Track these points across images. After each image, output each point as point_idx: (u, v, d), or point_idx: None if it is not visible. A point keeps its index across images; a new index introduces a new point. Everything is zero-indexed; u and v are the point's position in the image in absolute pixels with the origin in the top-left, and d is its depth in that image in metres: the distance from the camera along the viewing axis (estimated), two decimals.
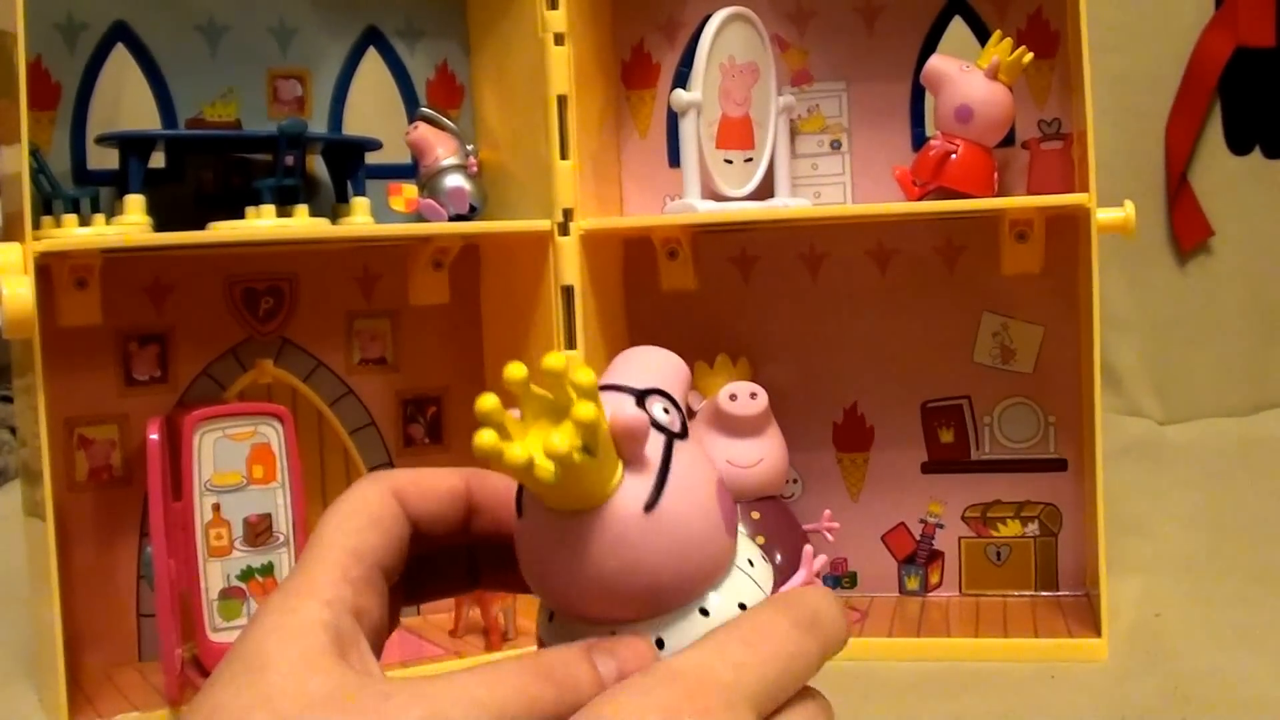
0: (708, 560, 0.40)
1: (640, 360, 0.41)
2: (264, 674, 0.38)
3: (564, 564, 0.39)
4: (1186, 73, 1.27)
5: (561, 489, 0.37)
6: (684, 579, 0.39)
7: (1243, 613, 0.77)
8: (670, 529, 0.39)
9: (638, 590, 0.39)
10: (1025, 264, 0.78)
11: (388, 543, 0.45)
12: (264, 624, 0.40)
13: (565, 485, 0.37)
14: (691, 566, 0.39)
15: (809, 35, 0.85)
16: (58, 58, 0.74)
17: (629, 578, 0.38)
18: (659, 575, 0.39)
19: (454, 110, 0.85)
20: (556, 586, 0.39)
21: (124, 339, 0.76)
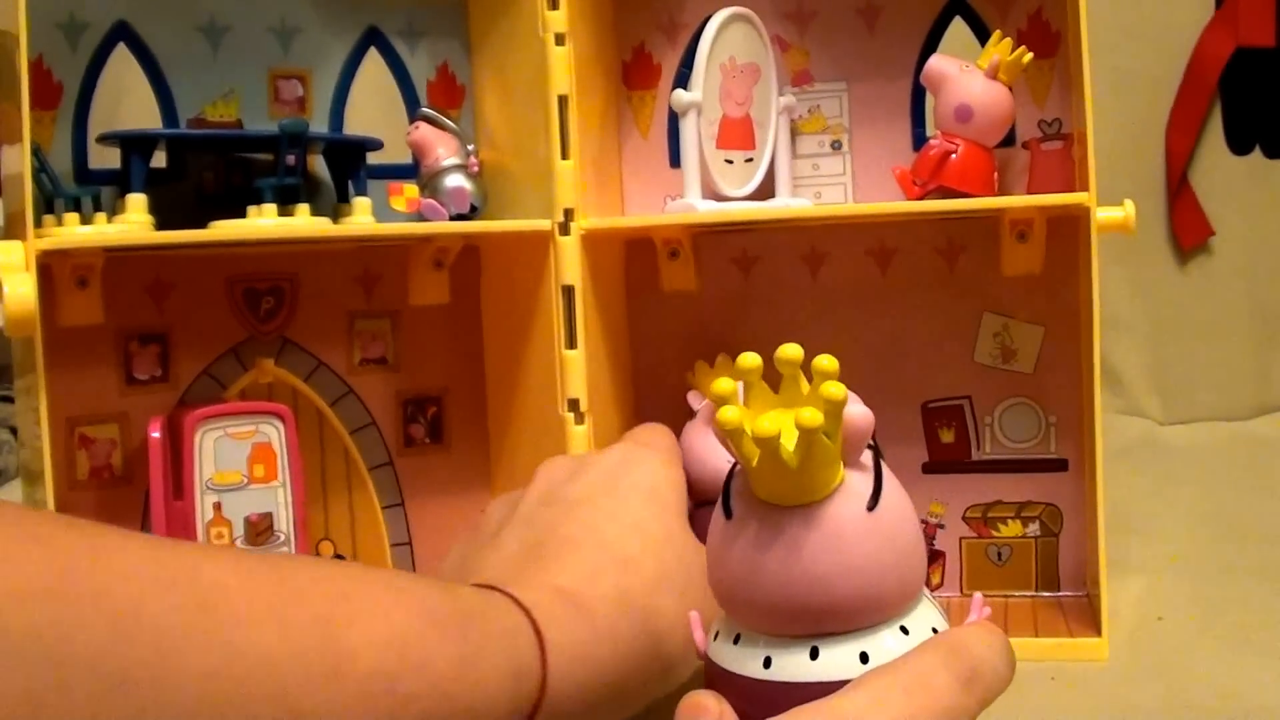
0: (915, 569, 0.40)
1: None
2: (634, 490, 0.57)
3: (778, 563, 0.38)
4: (1186, 73, 1.27)
5: (796, 475, 0.37)
6: (897, 585, 0.39)
7: (1244, 613, 0.78)
8: (888, 531, 0.39)
9: (852, 593, 0.38)
10: (1025, 264, 0.78)
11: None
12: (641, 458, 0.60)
13: (804, 468, 0.36)
14: (903, 572, 0.40)
15: (810, 35, 0.85)
16: (59, 57, 0.74)
17: (847, 578, 0.38)
18: (875, 577, 0.39)
19: (455, 110, 0.85)
20: (765, 589, 0.38)
21: (125, 338, 0.77)
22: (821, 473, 0.38)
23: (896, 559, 0.39)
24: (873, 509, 0.39)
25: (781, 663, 0.39)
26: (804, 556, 0.39)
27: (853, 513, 0.39)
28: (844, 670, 0.39)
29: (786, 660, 0.39)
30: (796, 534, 0.38)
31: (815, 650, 0.39)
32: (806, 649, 0.39)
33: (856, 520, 0.39)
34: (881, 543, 0.39)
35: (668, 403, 0.87)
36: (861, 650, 0.40)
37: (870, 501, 0.39)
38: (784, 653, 0.39)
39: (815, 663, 0.39)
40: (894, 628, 0.40)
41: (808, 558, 0.39)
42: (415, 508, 0.84)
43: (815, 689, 0.39)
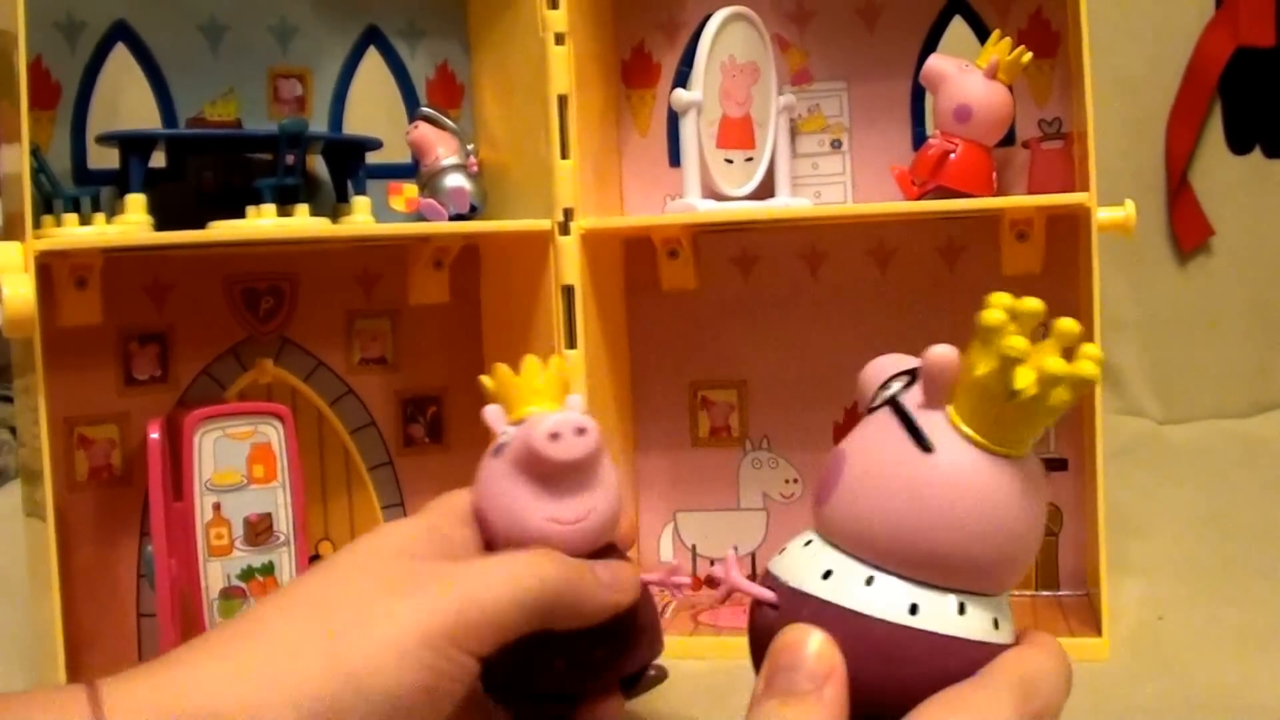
0: (1021, 561, 0.41)
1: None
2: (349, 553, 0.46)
3: (973, 506, 0.38)
4: (1186, 73, 1.27)
5: (1011, 412, 0.37)
6: (1005, 562, 0.40)
7: (1244, 613, 0.77)
8: (1032, 514, 0.40)
9: (1026, 554, 0.40)
10: (1025, 264, 0.78)
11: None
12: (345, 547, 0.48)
13: (1024, 408, 0.37)
14: (1015, 553, 0.40)
15: (809, 35, 0.85)
16: (58, 57, 0.74)
17: (1034, 537, 0.40)
18: (1001, 545, 0.39)
19: (454, 110, 0.85)
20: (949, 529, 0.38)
21: (124, 338, 0.76)
22: (1025, 427, 0.39)
23: (1041, 526, 0.41)
24: (1046, 473, 0.41)
25: (930, 612, 0.39)
26: (1001, 504, 0.39)
27: (1041, 472, 0.40)
28: (982, 632, 0.39)
29: (933, 610, 0.39)
30: (1009, 479, 0.39)
31: (963, 606, 0.39)
32: (955, 602, 0.39)
33: (1042, 479, 0.40)
34: (1042, 509, 0.40)
35: (668, 403, 0.87)
36: (994, 617, 0.40)
37: (1046, 467, 0.41)
38: (930, 601, 0.39)
39: (962, 618, 0.39)
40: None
41: (1007, 505, 0.39)
42: (415, 508, 0.84)
43: (959, 645, 0.39)
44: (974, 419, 0.38)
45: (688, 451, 0.87)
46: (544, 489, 0.49)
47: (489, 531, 0.50)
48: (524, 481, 0.49)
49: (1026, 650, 0.40)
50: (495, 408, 0.53)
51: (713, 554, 0.87)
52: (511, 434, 0.50)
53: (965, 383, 0.39)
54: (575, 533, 0.50)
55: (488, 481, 0.50)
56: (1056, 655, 0.40)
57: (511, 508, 0.49)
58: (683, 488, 0.87)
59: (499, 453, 0.50)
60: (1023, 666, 0.39)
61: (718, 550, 0.87)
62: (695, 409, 0.87)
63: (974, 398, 0.38)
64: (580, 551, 0.50)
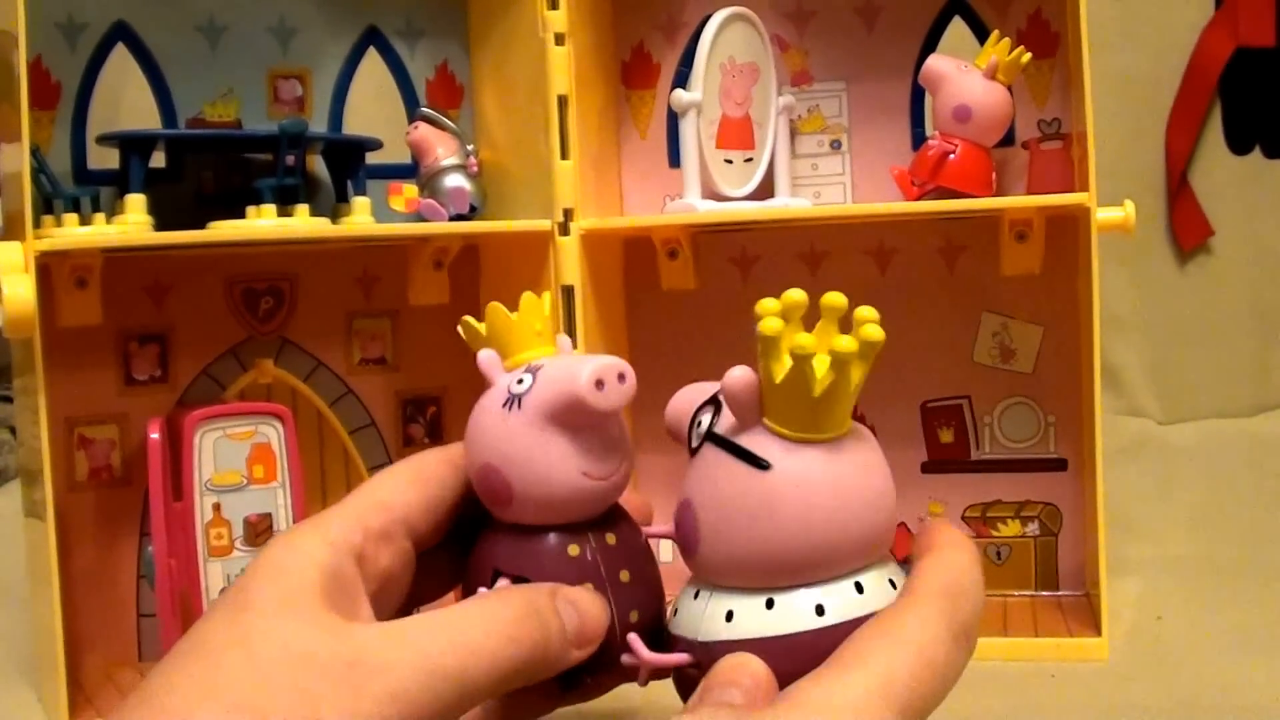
0: (889, 522, 0.41)
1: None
2: (247, 614, 0.39)
3: (831, 497, 0.39)
4: (1186, 73, 1.27)
5: (823, 401, 0.38)
6: (877, 532, 0.40)
7: (1244, 613, 0.77)
8: (882, 478, 0.40)
9: (889, 507, 0.40)
10: (1025, 264, 0.78)
11: (424, 502, 0.46)
12: (265, 556, 0.41)
13: (832, 393, 0.38)
14: (882, 520, 0.40)
15: (809, 35, 0.85)
16: (58, 57, 0.74)
17: (886, 492, 0.40)
18: (867, 519, 0.40)
19: (454, 110, 0.85)
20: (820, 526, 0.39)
21: (124, 339, 0.77)
22: (841, 404, 0.39)
23: (884, 504, 0.41)
24: (874, 456, 0.41)
25: (833, 603, 0.39)
26: (857, 480, 0.40)
27: (859, 453, 0.40)
28: (886, 598, 0.40)
29: (836, 601, 0.39)
30: (807, 466, 0.39)
31: (859, 585, 0.40)
32: (851, 585, 0.40)
33: (862, 458, 0.40)
34: (879, 486, 0.40)
35: (667, 403, 0.87)
36: (888, 578, 0.41)
37: (870, 449, 0.41)
38: (830, 594, 0.40)
39: (863, 596, 0.40)
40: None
41: (863, 478, 0.40)
42: None
43: (772, 643, 0.39)
44: (791, 420, 0.39)
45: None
46: (575, 441, 0.44)
47: (502, 492, 0.44)
48: (554, 434, 0.44)
49: (940, 556, 0.40)
50: (491, 353, 0.48)
51: None
52: (530, 382, 0.45)
53: (770, 391, 0.39)
54: (609, 488, 0.46)
55: (506, 437, 0.44)
56: (970, 550, 0.40)
57: (542, 464, 0.44)
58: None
59: (516, 404, 0.45)
60: (941, 575, 0.39)
61: None
62: None
63: (783, 402, 0.39)
64: (606, 506, 0.47)
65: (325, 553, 0.41)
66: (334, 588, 0.40)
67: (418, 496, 0.45)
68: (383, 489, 0.45)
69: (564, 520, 0.46)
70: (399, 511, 0.44)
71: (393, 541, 0.44)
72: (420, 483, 0.46)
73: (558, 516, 0.46)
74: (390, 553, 0.44)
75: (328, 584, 0.40)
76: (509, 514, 0.45)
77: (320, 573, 0.40)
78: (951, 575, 0.39)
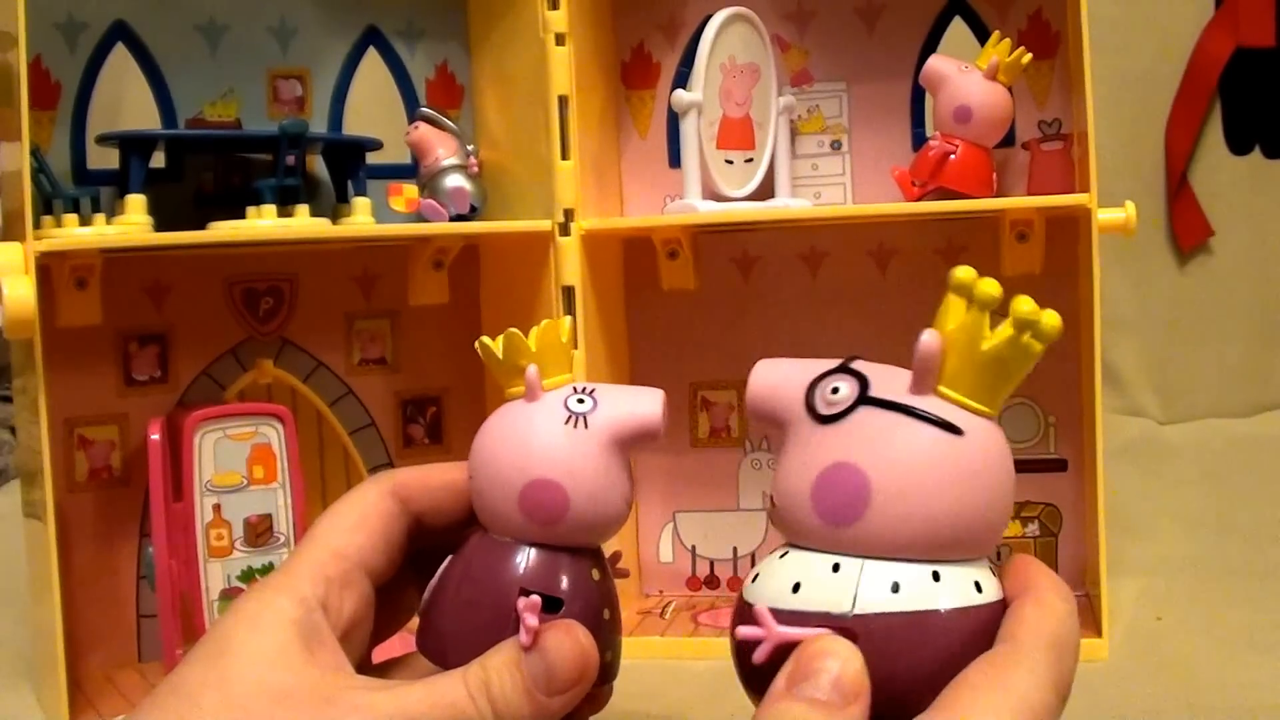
0: (1002, 523, 0.41)
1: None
2: (225, 659, 0.41)
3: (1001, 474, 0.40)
4: (1186, 73, 1.27)
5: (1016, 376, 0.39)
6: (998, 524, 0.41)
7: (1244, 613, 0.77)
8: (1009, 474, 0.41)
9: (1007, 509, 0.41)
10: (1025, 264, 0.78)
11: (374, 543, 0.46)
12: (238, 612, 0.43)
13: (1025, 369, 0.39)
14: (1003, 515, 0.41)
15: (809, 35, 0.85)
16: (57, 57, 0.74)
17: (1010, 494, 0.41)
18: (1013, 500, 0.41)
19: (454, 110, 0.85)
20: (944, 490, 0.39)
21: (124, 339, 0.76)
22: (1013, 381, 0.40)
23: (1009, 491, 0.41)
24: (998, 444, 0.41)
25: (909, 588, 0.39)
26: (1010, 466, 0.40)
27: (1000, 437, 0.40)
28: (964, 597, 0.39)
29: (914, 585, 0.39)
30: (1005, 444, 0.40)
31: (937, 574, 0.39)
32: (928, 571, 0.39)
33: (1002, 443, 0.40)
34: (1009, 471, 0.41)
35: (668, 403, 0.87)
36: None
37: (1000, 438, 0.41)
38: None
39: (938, 585, 0.39)
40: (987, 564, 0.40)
41: (1009, 469, 0.40)
42: None
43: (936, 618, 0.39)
44: (979, 391, 0.39)
45: (687, 452, 0.87)
46: (626, 467, 0.46)
47: (556, 509, 0.44)
48: (616, 457, 0.45)
49: (1046, 602, 0.40)
50: (536, 369, 0.47)
51: (712, 554, 0.87)
52: (591, 404, 0.46)
53: (969, 358, 0.39)
54: (628, 513, 0.47)
55: (573, 454, 0.45)
56: (1070, 599, 0.40)
57: (605, 484, 0.45)
58: (682, 488, 0.87)
59: (582, 423, 0.45)
60: (1048, 625, 0.38)
61: (717, 551, 0.87)
62: (695, 409, 0.87)
63: (981, 371, 0.39)
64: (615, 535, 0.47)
65: (297, 609, 0.42)
66: (308, 640, 0.42)
67: (368, 538, 0.46)
68: (334, 536, 0.46)
69: (595, 544, 0.46)
70: (354, 557, 0.45)
71: (354, 587, 0.45)
72: (367, 523, 0.47)
73: (593, 539, 0.46)
74: (353, 598, 0.45)
75: (302, 638, 0.42)
76: (551, 530, 0.45)
77: (295, 628, 0.42)
78: (1058, 627, 0.39)
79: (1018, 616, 0.39)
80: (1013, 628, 0.38)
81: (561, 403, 0.46)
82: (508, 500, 0.45)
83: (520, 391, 0.47)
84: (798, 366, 0.43)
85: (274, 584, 0.44)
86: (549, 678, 0.42)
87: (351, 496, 0.48)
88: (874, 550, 0.39)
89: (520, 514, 0.45)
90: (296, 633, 0.42)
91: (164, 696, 0.40)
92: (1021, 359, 0.38)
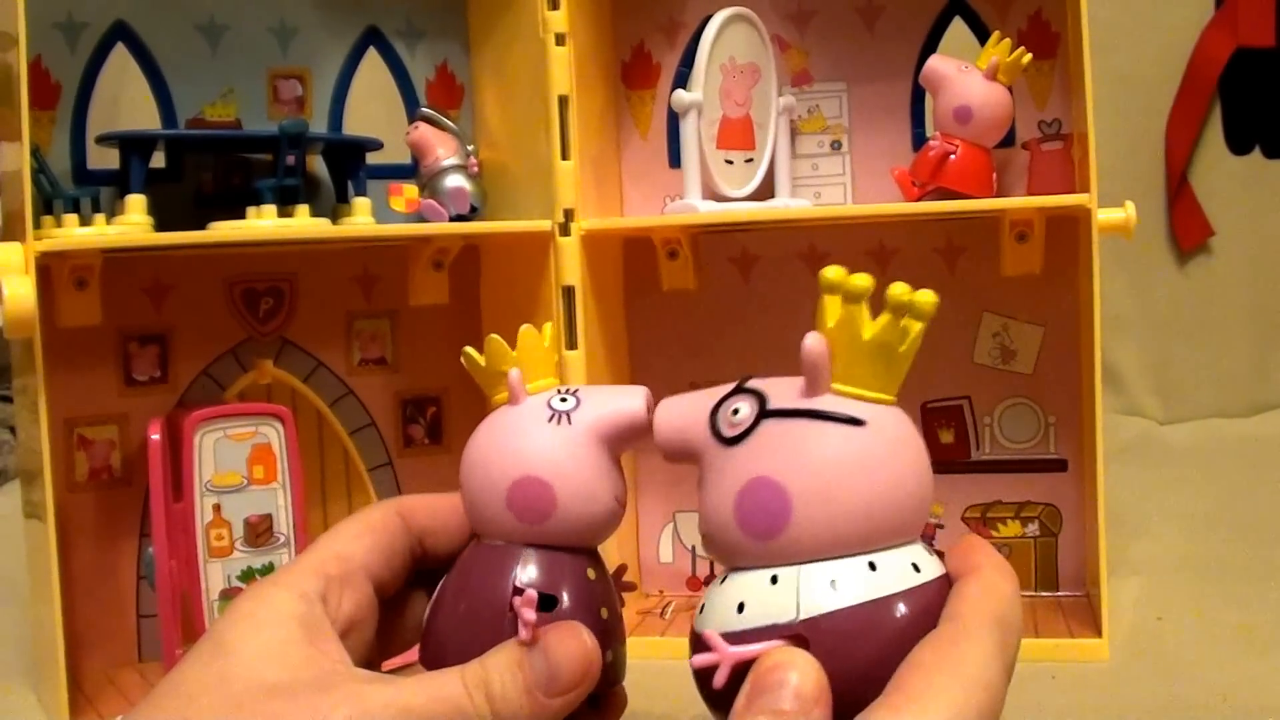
0: (925, 501, 0.42)
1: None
2: (224, 658, 0.41)
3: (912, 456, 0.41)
4: (1186, 73, 1.27)
5: (904, 358, 0.40)
6: (932, 494, 0.42)
7: (1244, 613, 0.77)
8: (921, 451, 0.42)
9: (925, 489, 0.41)
10: (1025, 264, 0.78)
11: (378, 550, 0.47)
12: (239, 609, 0.43)
13: (909, 351, 0.40)
14: (924, 493, 0.41)
15: (809, 35, 0.85)
16: (58, 57, 0.74)
17: (924, 474, 0.41)
18: (929, 480, 0.42)
19: (454, 110, 0.85)
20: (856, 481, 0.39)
21: (124, 339, 0.76)
22: (902, 363, 0.41)
23: (924, 477, 0.42)
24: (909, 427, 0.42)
25: (846, 582, 0.39)
26: (914, 448, 0.41)
27: (906, 422, 0.41)
28: (903, 580, 0.40)
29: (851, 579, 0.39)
30: (909, 424, 0.41)
31: (873, 564, 0.40)
32: (864, 562, 0.40)
33: (910, 428, 0.41)
34: (920, 459, 0.42)
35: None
36: (912, 560, 0.40)
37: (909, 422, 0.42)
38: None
39: (875, 574, 0.39)
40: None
41: (916, 450, 0.41)
42: None
43: (883, 604, 0.39)
44: (871, 380, 0.41)
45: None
46: (615, 465, 0.47)
47: (543, 506, 0.45)
48: (602, 454, 0.46)
49: (989, 581, 0.40)
50: (519, 372, 0.48)
51: None
52: (575, 402, 0.46)
53: (853, 351, 0.41)
54: (620, 517, 0.47)
55: (557, 450, 0.45)
56: (1012, 577, 0.40)
57: (593, 480, 0.45)
58: (683, 488, 0.87)
59: (565, 420, 0.46)
60: (994, 604, 0.39)
61: None
62: None
63: (868, 359, 0.41)
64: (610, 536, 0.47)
65: (297, 603, 0.43)
66: (309, 634, 0.42)
67: (372, 543, 0.47)
68: (336, 542, 0.46)
69: (587, 544, 0.46)
70: (357, 560, 0.46)
71: (355, 588, 0.45)
72: (371, 532, 0.47)
73: (586, 538, 0.46)
74: (353, 599, 0.45)
75: (303, 632, 0.42)
76: (541, 529, 0.45)
77: (296, 622, 0.42)
78: (1001, 605, 0.39)
79: (961, 595, 0.39)
80: (956, 606, 0.39)
81: (545, 403, 0.46)
82: (496, 502, 0.45)
83: (505, 398, 0.47)
84: (698, 397, 0.44)
85: (273, 580, 0.44)
86: (551, 678, 0.41)
87: (355, 514, 0.49)
88: (806, 555, 0.40)
89: (509, 514, 0.45)
90: (297, 625, 0.42)
91: (163, 697, 0.40)
92: (904, 340, 0.40)
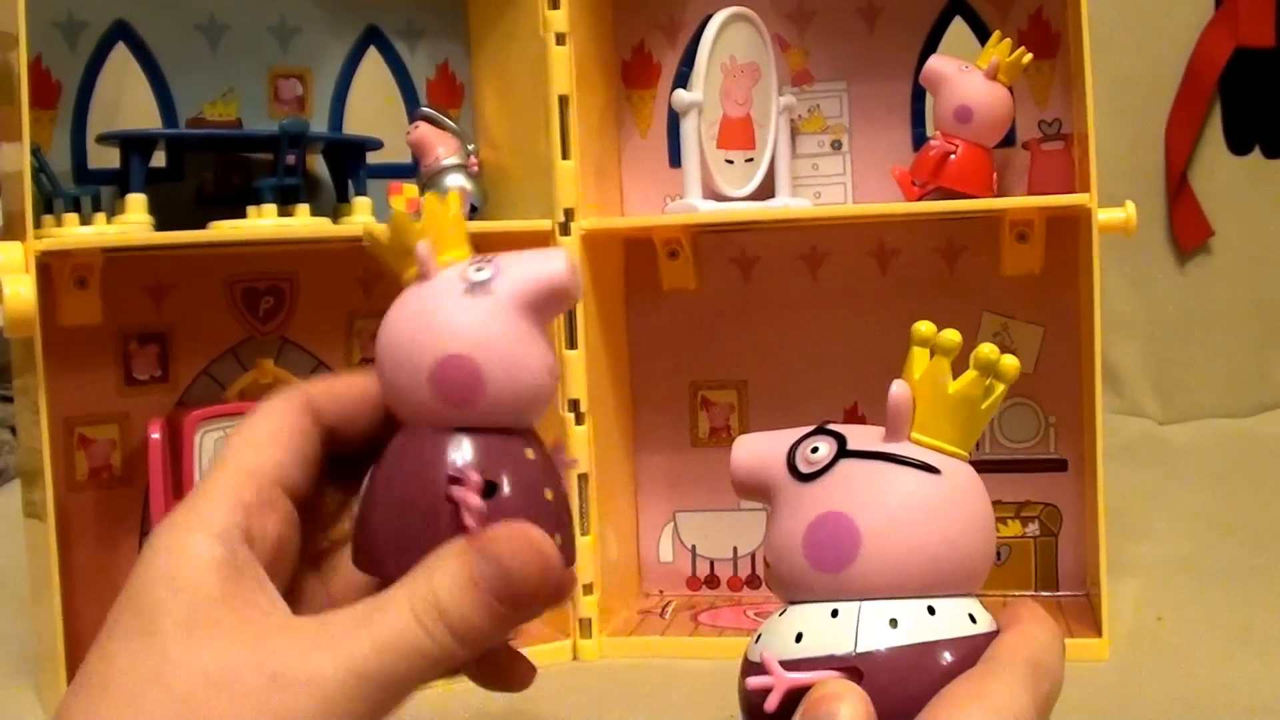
0: (988, 558, 0.42)
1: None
2: (154, 637, 0.38)
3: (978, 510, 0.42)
4: (1186, 73, 1.27)
5: (983, 417, 0.41)
6: (984, 558, 0.42)
7: (1243, 613, 0.77)
8: (989, 510, 0.42)
9: (990, 542, 0.42)
10: (1025, 264, 0.78)
11: (290, 457, 0.42)
12: (155, 567, 0.39)
13: (989, 410, 0.41)
14: (988, 550, 0.42)
15: (810, 35, 0.85)
16: (58, 56, 0.74)
17: (990, 528, 0.42)
18: (993, 537, 0.42)
19: (454, 110, 0.85)
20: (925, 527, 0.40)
21: (124, 338, 0.76)
22: (980, 421, 0.41)
23: (988, 527, 0.42)
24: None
25: (906, 622, 0.40)
26: (987, 504, 0.42)
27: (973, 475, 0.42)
28: (959, 627, 0.41)
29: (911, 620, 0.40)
30: (979, 483, 0.41)
31: (932, 608, 0.41)
32: (924, 606, 0.40)
33: (975, 481, 0.42)
34: (984, 508, 0.42)
35: (668, 403, 0.87)
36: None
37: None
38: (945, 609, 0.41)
39: (934, 619, 0.40)
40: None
41: (985, 504, 0.42)
42: None
43: (937, 647, 0.40)
44: (950, 434, 0.41)
45: (687, 452, 0.87)
46: (543, 336, 0.42)
47: (471, 385, 0.41)
48: (529, 324, 0.41)
49: (1027, 630, 0.41)
50: (428, 244, 0.44)
51: (712, 554, 0.87)
52: (491, 271, 0.42)
53: (936, 404, 0.41)
54: (555, 392, 0.43)
55: (479, 325, 0.41)
56: (1053, 630, 0.41)
57: (521, 354, 0.41)
58: (682, 488, 0.87)
59: (484, 291, 0.42)
60: (1027, 647, 0.40)
61: (718, 550, 0.87)
62: (695, 409, 0.87)
63: (949, 414, 0.41)
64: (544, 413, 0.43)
65: (216, 549, 0.38)
66: (235, 585, 0.38)
67: (283, 452, 0.42)
68: (245, 456, 0.42)
69: (521, 423, 0.42)
70: (271, 474, 0.41)
71: (274, 508, 0.41)
72: (280, 438, 0.43)
73: (520, 417, 0.42)
74: (276, 520, 0.41)
75: (228, 584, 0.38)
76: (471, 411, 0.41)
77: (217, 574, 0.38)
78: (1035, 648, 0.40)
79: (998, 642, 0.40)
80: (992, 651, 0.40)
81: (459, 275, 0.42)
82: (419, 386, 0.41)
83: (415, 274, 0.43)
84: (775, 436, 0.44)
85: (183, 521, 0.40)
86: (507, 586, 0.38)
87: (259, 412, 0.44)
88: (869, 592, 0.40)
89: (435, 398, 0.41)
90: (220, 582, 0.38)
91: (100, 691, 0.37)
92: (986, 399, 0.41)
